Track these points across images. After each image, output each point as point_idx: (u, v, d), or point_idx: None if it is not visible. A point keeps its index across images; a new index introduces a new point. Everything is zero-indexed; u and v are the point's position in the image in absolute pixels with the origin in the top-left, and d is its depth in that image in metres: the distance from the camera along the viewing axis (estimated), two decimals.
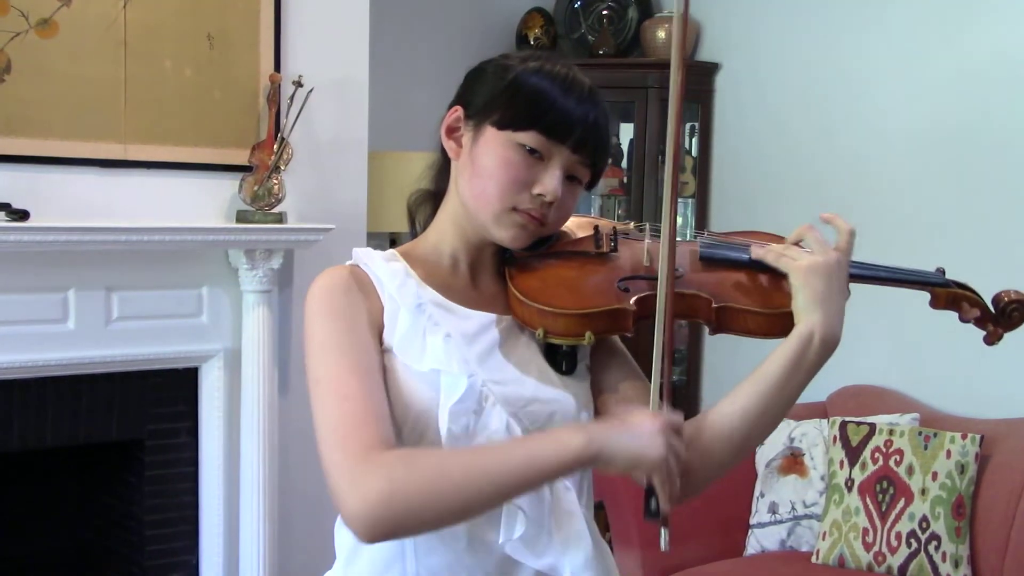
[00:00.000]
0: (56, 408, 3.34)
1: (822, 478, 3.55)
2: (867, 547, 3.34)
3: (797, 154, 4.27)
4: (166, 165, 3.41)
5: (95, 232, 3.19)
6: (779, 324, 1.39)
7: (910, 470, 3.35)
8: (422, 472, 1.24)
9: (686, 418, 1.35)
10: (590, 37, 4.71)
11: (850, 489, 3.43)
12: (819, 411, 3.80)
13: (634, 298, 1.40)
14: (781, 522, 3.57)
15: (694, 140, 4.59)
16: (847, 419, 3.54)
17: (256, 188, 3.48)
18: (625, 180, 4.64)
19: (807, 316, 1.36)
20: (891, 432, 3.43)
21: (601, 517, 4.41)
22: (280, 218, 3.50)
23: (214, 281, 3.50)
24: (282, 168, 3.49)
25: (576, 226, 1.52)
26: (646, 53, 4.56)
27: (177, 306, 3.45)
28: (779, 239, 1.49)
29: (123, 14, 3.32)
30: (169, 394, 3.50)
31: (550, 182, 1.39)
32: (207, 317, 3.49)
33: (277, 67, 3.57)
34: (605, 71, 4.57)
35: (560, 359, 1.43)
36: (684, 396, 4.51)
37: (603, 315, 1.39)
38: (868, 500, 3.38)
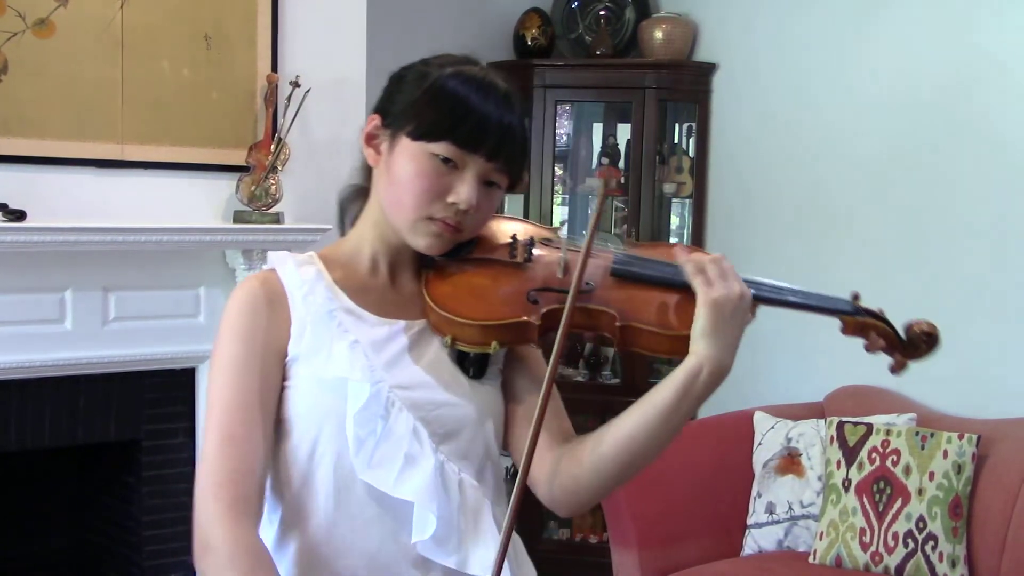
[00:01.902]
0: (54, 408, 3.34)
1: (819, 478, 3.55)
2: (864, 547, 3.34)
3: (794, 154, 4.27)
4: (163, 165, 3.42)
5: (92, 232, 3.19)
6: (682, 346, 1.40)
7: (907, 470, 3.35)
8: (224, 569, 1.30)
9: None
10: (587, 37, 4.72)
11: (847, 489, 3.43)
12: (816, 411, 3.80)
13: (542, 311, 1.41)
14: (778, 522, 3.57)
15: (691, 140, 4.59)
16: (844, 419, 3.54)
17: (253, 188, 3.48)
18: (623, 180, 4.64)
19: (700, 347, 1.37)
20: (888, 432, 3.43)
21: (599, 517, 4.42)
22: (277, 218, 3.50)
23: (211, 281, 3.51)
24: (279, 168, 3.49)
25: (498, 230, 1.53)
26: (643, 53, 4.56)
27: (174, 306, 3.45)
28: (694, 250, 1.48)
29: (120, 14, 3.32)
30: (166, 394, 3.50)
31: (464, 191, 1.41)
32: (204, 317, 3.49)
33: (274, 67, 3.57)
34: (602, 71, 4.57)
35: (468, 365, 1.46)
36: None
37: (507, 327, 1.41)
38: (865, 500, 3.39)
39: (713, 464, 3.69)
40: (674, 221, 4.76)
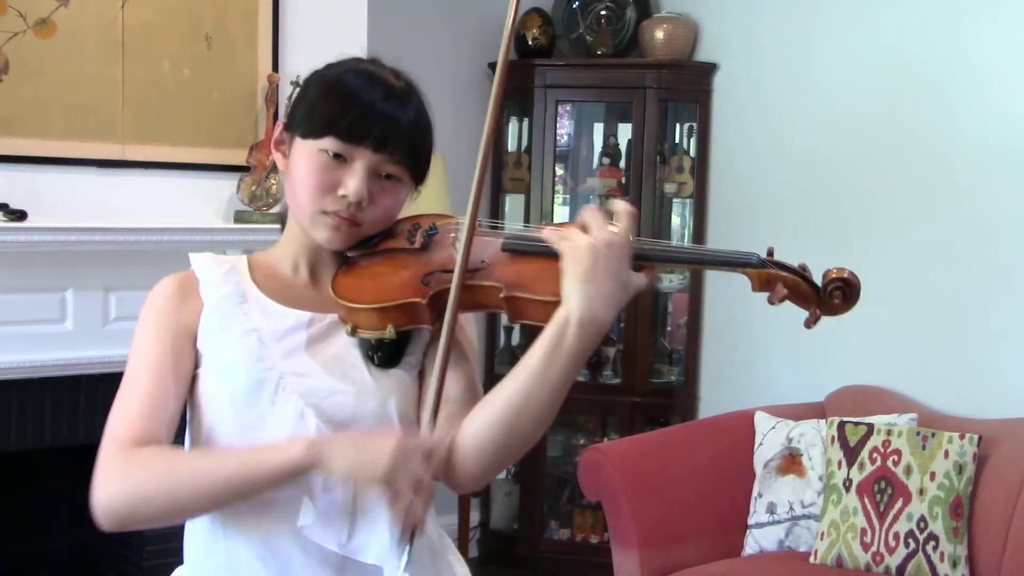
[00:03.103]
0: (55, 408, 3.34)
1: (820, 478, 3.55)
2: (865, 547, 3.34)
3: (795, 154, 4.27)
4: (164, 165, 3.42)
5: (93, 232, 3.20)
6: None
7: (908, 470, 3.35)
8: (150, 473, 1.38)
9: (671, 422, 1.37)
10: (588, 37, 4.72)
11: (848, 489, 3.43)
12: (817, 411, 3.80)
13: (431, 292, 1.45)
14: (779, 522, 3.57)
15: (692, 140, 4.59)
16: (845, 419, 3.54)
17: (254, 188, 3.48)
18: (623, 180, 4.64)
19: (567, 299, 1.34)
20: (889, 432, 3.43)
21: (600, 517, 4.41)
22: (278, 218, 3.50)
23: None
24: (280, 168, 3.49)
25: (407, 222, 1.56)
26: (644, 53, 4.56)
27: None
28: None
29: (121, 14, 3.32)
30: None
31: (352, 183, 1.45)
32: None
33: (275, 67, 3.57)
34: (603, 71, 4.57)
35: (372, 353, 1.49)
36: (682, 396, 4.52)
37: (397, 308, 1.44)
38: (866, 500, 3.39)
39: (714, 464, 3.69)
40: (675, 221, 4.76)
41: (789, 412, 3.77)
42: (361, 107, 1.45)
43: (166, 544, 3.56)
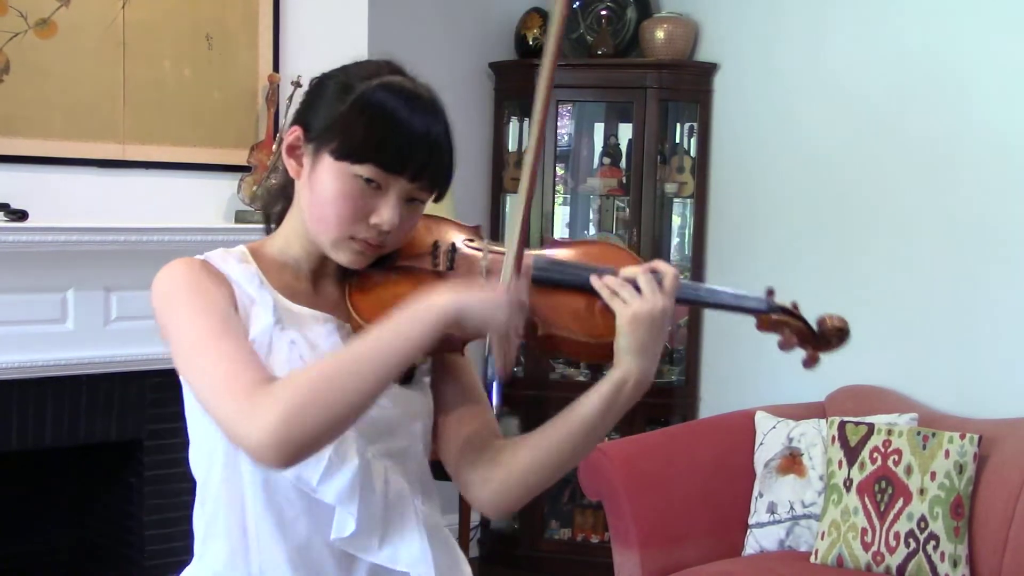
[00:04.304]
0: (55, 408, 3.34)
1: (821, 478, 3.55)
2: (866, 547, 3.34)
3: (796, 153, 4.27)
4: (165, 165, 3.42)
5: (94, 232, 3.20)
6: (605, 352, 1.42)
7: (908, 470, 3.35)
8: (304, 384, 1.28)
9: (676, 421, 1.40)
10: (589, 37, 4.71)
11: (848, 489, 3.43)
12: (818, 411, 3.80)
13: None
14: (780, 522, 3.57)
15: (693, 140, 4.59)
16: (846, 419, 3.54)
17: (255, 188, 3.48)
18: (624, 180, 4.64)
19: (625, 362, 1.40)
20: (890, 432, 3.43)
21: (600, 517, 4.41)
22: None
23: None
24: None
25: (420, 234, 1.52)
26: (644, 53, 4.56)
27: None
28: (626, 255, 1.52)
29: (122, 14, 3.32)
30: (168, 394, 3.50)
31: (387, 213, 1.40)
32: None
33: (276, 67, 3.57)
34: (604, 71, 4.57)
35: None
36: (683, 396, 4.52)
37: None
38: (867, 500, 3.39)
39: (714, 464, 3.69)
40: (675, 221, 4.76)
41: (790, 412, 3.77)
42: (402, 135, 1.39)
43: (167, 544, 3.57)
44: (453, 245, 1.51)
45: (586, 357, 1.44)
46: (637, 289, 1.40)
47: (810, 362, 1.52)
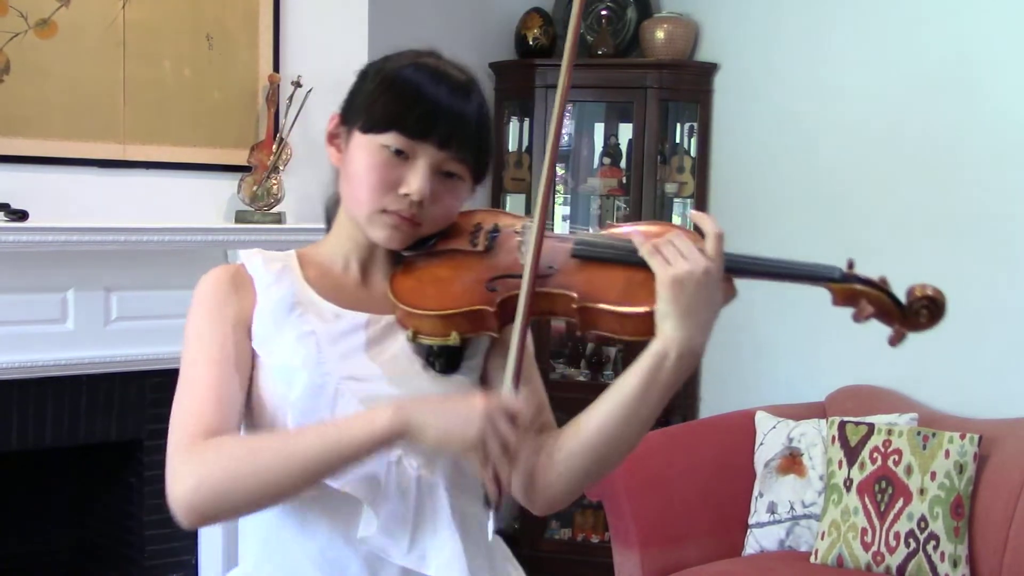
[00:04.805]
0: (55, 408, 3.34)
1: (821, 478, 3.55)
2: (866, 547, 3.34)
3: (796, 153, 4.27)
4: (165, 165, 3.42)
5: (94, 232, 3.20)
6: (644, 325, 1.34)
7: (908, 470, 3.35)
8: (231, 458, 1.29)
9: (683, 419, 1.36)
10: (589, 37, 4.71)
11: (849, 489, 3.43)
12: (818, 411, 3.80)
13: (499, 299, 1.39)
14: (780, 522, 3.57)
15: (693, 140, 4.59)
16: (846, 419, 3.54)
17: (255, 188, 3.48)
18: (624, 180, 4.64)
19: (665, 331, 1.31)
20: (890, 432, 3.43)
21: (600, 517, 4.42)
22: (279, 218, 3.50)
23: None
24: (281, 168, 3.50)
25: (465, 221, 1.51)
26: (645, 53, 4.56)
27: (176, 306, 3.43)
28: (672, 228, 1.42)
29: (122, 14, 3.32)
30: (168, 394, 3.44)
31: (415, 181, 1.39)
32: None
33: (276, 67, 3.57)
34: (604, 71, 4.57)
35: (433, 359, 1.43)
36: (683, 396, 4.52)
37: (463, 316, 1.38)
38: (867, 500, 3.39)
39: (715, 464, 3.69)
40: (676, 221, 4.76)
41: (790, 412, 3.77)
42: (426, 102, 1.39)
43: (167, 544, 3.57)
44: (496, 226, 1.49)
45: (625, 331, 1.35)
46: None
47: (896, 339, 1.40)
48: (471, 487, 1.42)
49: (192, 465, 1.30)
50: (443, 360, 1.42)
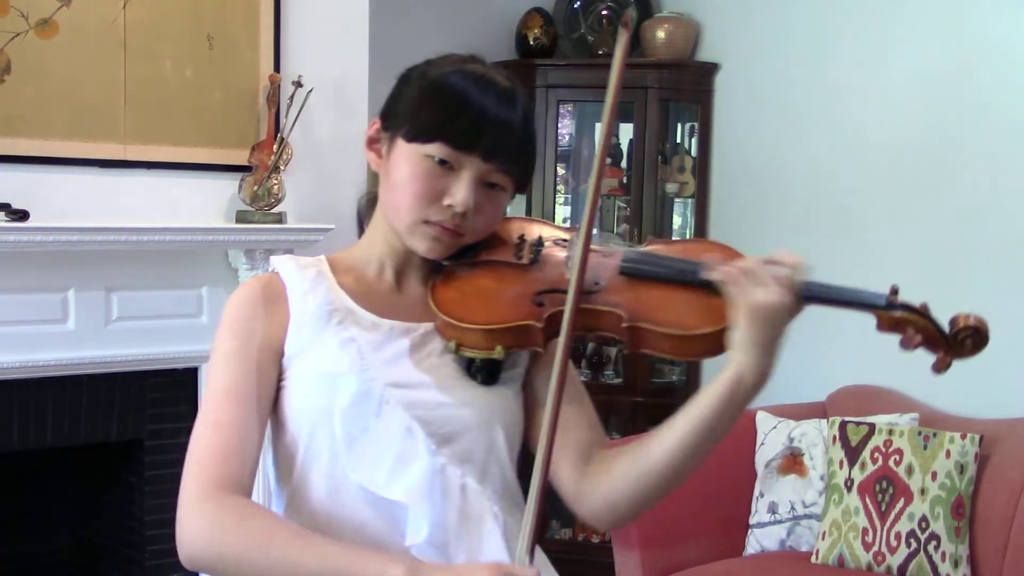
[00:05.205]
0: (56, 408, 3.34)
1: (821, 478, 3.55)
2: (867, 547, 3.34)
3: (797, 153, 4.27)
4: (166, 165, 3.42)
5: (95, 232, 3.20)
6: (696, 347, 1.35)
7: (909, 470, 3.35)
8: (248, 539, 1.28)
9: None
10: (589, 37, 4.72)
11: (849, 489, 3.43)
12: (818, 411, 3.80)
13: (546, 314, 1.36)
14: (780, 522, 3.57)
15: (693, 140, 4.59)
16: (847, 419, 3.54)
17: (256, 188, 3.48)
18: (625, 180, 4.64)
19: (743, 358, 1.31)
20: (891, 432, 3.43)
21: None
22: (280, 218, 3.50)
23: (214, 281, 3.51)
24: (282, 168, 3.49)
25: (507, 231, 1.49)
26: (646, 53, 4.56)
27: (177, 306, 3.45)
28: (726, 250, 1.41)
29: (123, 14, 3.32)
30: (169, 394, 3.50)
31: (459, 193, 1.37)
32: (207, 317, 3.49)
33: (277, 67, 3.57)
34: (604, 71, 4.55)
35: (475, 371, 1.41)
36: (684, 396, 4.50)
37: (510, 331, 1.36)
38: (868, 500, 3.39)
39: (715, 464, 3.63)
40: (676, 221, 4.76)
41: (790, 412, 3.77)
42: (473, 112, 1.36)
43: (167, 544, 3.56)
44: (540, 239, 1.46)
45: (675, 353, 1.35)
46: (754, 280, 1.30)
47: (940, 367, 1.41)
48: (519, 502, 1.45)
49: (210, 520, 1.31)
50: (485, 372, 1.41)
